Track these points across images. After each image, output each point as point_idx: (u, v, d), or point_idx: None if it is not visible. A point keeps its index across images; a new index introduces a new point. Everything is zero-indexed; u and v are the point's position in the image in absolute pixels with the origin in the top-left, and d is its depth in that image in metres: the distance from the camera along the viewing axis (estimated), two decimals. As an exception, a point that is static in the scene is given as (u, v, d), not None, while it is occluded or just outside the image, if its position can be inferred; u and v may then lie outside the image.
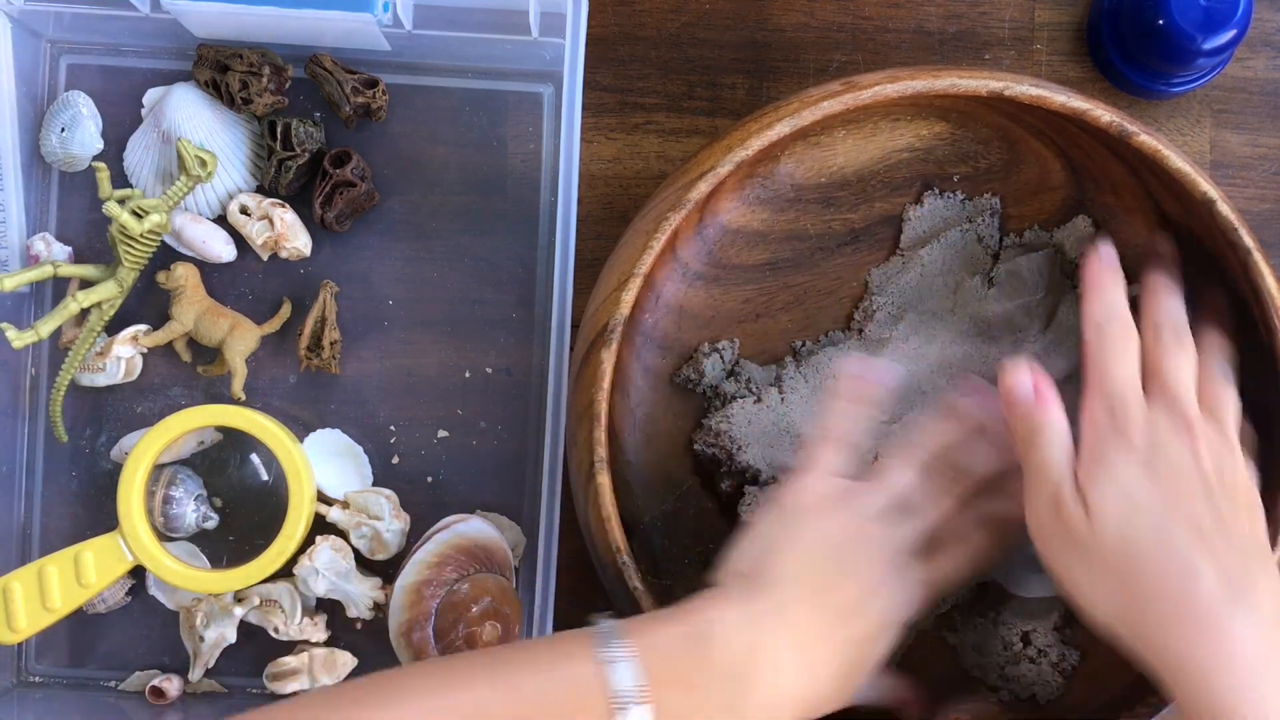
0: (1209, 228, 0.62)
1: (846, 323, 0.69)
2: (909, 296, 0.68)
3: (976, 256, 0.68)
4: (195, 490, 0.72)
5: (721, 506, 0.68)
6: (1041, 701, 0.66)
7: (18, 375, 0.74)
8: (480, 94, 0.75)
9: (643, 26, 0.76)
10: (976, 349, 0.67)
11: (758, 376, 0.68)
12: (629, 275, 0.60)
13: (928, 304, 0.68)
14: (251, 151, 0.74)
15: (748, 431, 0.67)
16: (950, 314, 0.67)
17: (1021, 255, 0.67)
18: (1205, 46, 0.69)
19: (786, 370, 0.68)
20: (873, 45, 0.76)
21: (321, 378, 0.74)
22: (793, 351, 0.69)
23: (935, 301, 0.68)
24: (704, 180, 0.60)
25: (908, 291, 0.68)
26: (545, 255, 0.74)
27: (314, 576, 0.71)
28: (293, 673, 0.71)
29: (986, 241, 0.68)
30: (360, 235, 0.75)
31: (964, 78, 0.60)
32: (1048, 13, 0.76)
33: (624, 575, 0.60)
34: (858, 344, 0.68)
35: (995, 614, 0.67)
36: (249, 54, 0.71)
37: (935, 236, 0.67)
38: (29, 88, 0.73)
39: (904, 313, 0.67)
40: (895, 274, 0.68)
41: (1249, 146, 0.76)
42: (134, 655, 0.74)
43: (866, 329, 0.68)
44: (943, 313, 0.67)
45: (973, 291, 0.67)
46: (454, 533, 0.70)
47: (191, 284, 0.72)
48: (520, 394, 0.74)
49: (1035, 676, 0.66)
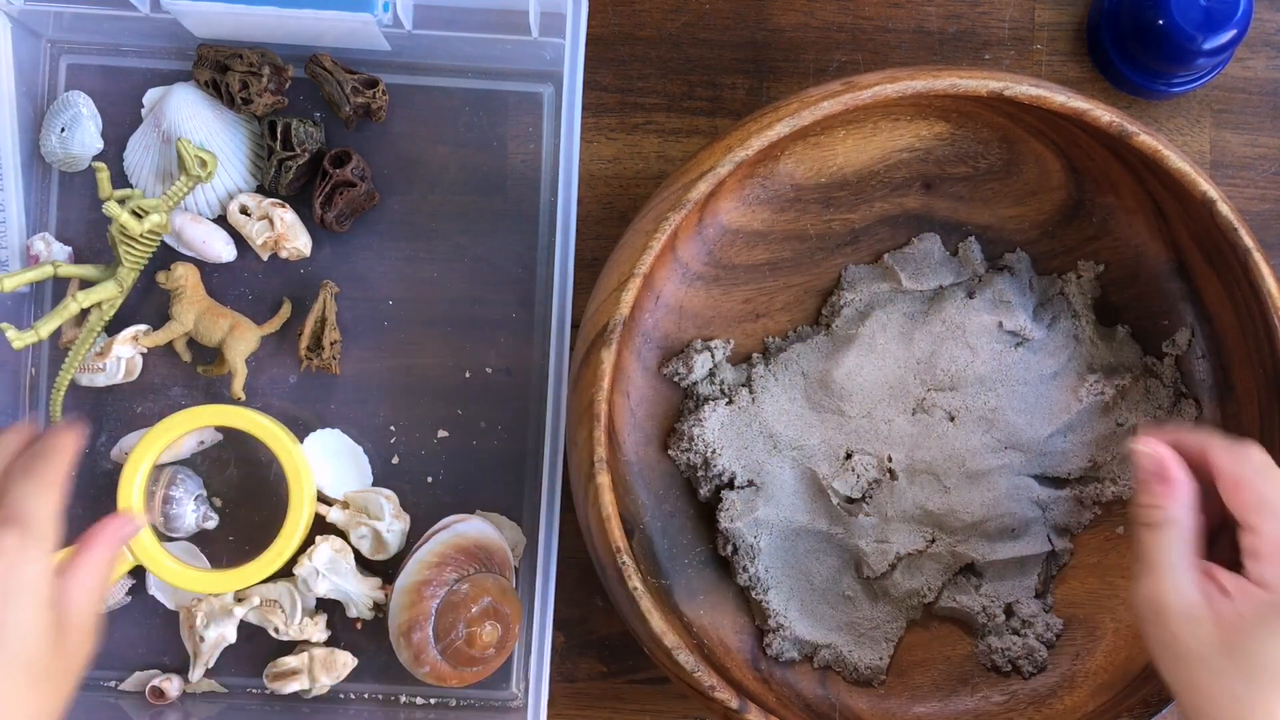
0: (1209, 228, 0.62)
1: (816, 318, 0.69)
2: (879, 298, 0.68)
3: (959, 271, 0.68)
4: (195, 490, 0.72)
5: (700, 514, 0.68)
6: (1026, 675, 0.67)
7: (18, 375, 0.74)
8: (480, 94, 0.75)
9: (643, 26, 0.76)
10: (949, 351, 0.67)
11: (730, 378, 0.68)
12: (629, 275, 0.60)
13: (901, 306, 0.68)
14: (251, 151, 0.74)
15: (720, 435, 0.67)
16: (925, 316, 0.67)
17: (1008, 277, 0.67)
18: (1205, 46, 0.69)
19: (756, 369, 0.68)
20: (873, 45, 0.76)
21: (321, 378, 0.74)
22: (764, 349, 0.69)
23: (910, 305, 0.68)
24: (704, 180, 0.60)
25: (879, 294, 0.68)
26: (545, 255, 0.74)
27: (314, 576, 0.71)
28: (293, 673, 0.71)
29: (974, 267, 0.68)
30: (360, 235, 0.75)
31: (964, 78, 0.60)
32: (1048, 13, 0.76)
33: (624, 575, 0.60)
34: (825, 339, 0.68)
35: (976, 586, 0.67)
36: (249, 54, 0.71)
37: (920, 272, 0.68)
38: (29, 88, 0.73)
39: (871, 310, 0.67)
40: (871, 276, 0.68)
41: (1249, 146, 0.76)
42: (134, 655, 0.74)
43: (834, 324, 0.68)
44: (917, 315, 0.68)
45: (952, 298, 0.67)
46: (454, 533, 0.70)
47: (191, 284, 0.72)
48: (520, 394, 0.74)
49: (1021, 649, 0.67)
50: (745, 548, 0.67)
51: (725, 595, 0.68)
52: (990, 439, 0.67)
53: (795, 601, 0.68)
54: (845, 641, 0.68)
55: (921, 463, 0.67)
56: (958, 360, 0.67)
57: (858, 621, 0.68)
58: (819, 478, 0.67)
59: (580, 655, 0.74)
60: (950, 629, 0.69)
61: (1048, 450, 0.68)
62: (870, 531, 0.67)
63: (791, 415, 0.67)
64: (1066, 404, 0.67)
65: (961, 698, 0.68)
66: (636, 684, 0.74)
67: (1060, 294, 0.68)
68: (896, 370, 0.67)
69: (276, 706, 0.73)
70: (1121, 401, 0.67)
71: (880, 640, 0.68)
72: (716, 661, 0.66)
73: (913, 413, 0.67)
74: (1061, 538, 0.68)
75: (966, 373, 0.67)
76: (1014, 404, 0.67)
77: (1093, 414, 0.67)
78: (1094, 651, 0.67)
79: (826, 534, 0.68)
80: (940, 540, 0.68)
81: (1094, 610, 0.68)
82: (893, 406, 0.67)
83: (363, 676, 0.73)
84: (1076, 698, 0.66)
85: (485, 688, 0.73)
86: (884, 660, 0.68)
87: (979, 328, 0.67)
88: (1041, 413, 0.67)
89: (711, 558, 0.68)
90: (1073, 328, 0.68)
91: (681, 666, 0.59)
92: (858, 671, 0.67)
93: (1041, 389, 0.67)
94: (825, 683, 0.67)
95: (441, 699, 0.74)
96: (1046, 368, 0.67)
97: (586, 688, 0.74)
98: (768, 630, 0.67)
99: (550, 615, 0.69)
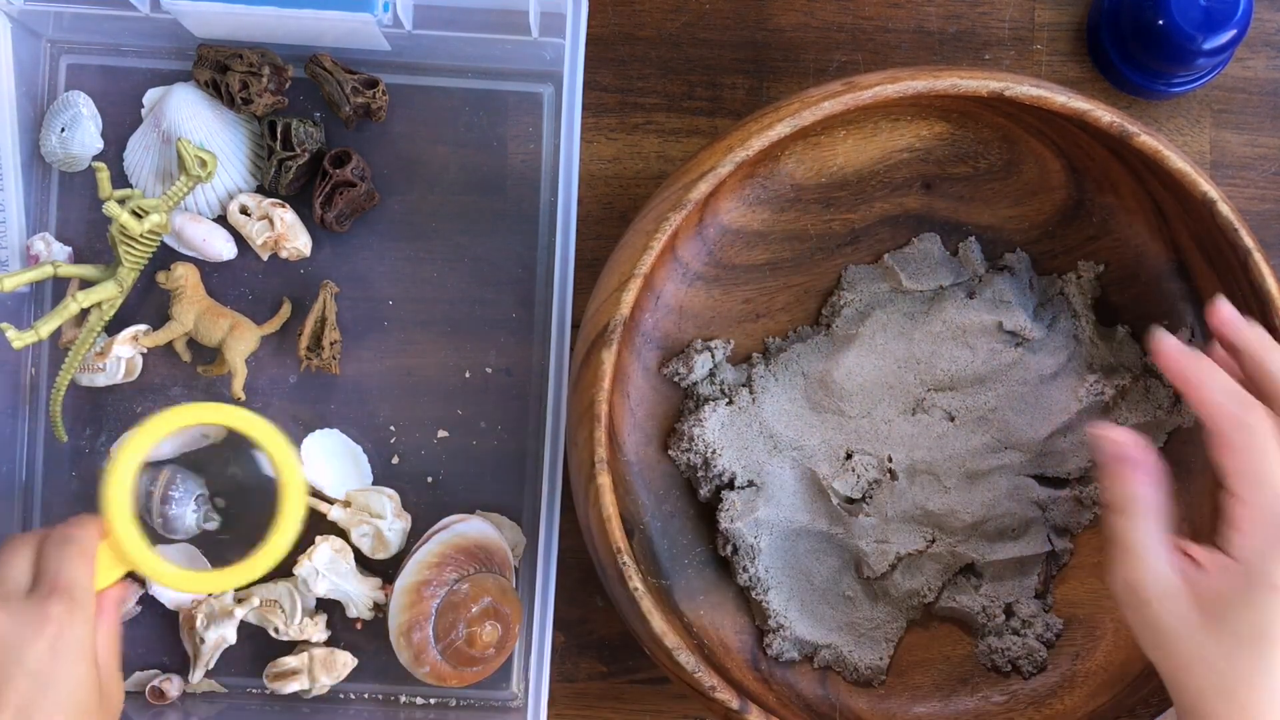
0: (1209, 228, 0.62)
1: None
2: (879, 298, 0.68)
3: (958, 271, 0.68)
4: (195, 490, 0.72)
5: (700, 514, 0.68)
6: (1026, 675, 0.67)
7: (18, 375, 0.74)
8: (480, 94, 0.75)
9: (643, 26, 0.76)
10: (948, 351, 0.67)
11: (730, 378, 0.68)
12: (629, 275, 0.60)
13: (901, 306, 0.68)
14: (251, 151, 0.74)
15: (720, 435, 0.67)
16: (925, 316, 0.67)
17: (1008, 277, 0.67)
18: (1205, 46, 0.69)
19: (757, 369, 0.68)
20: (873, 45, 0.76)
21: (321, 378, 0.74)
22: (764, 349, 0.69)
23: (910, 305, 0.68)
24: (704, 180, 0.60)
25: (879, 294, 0.68)
26: (545, 255, 0.74)
27: (314, 576, 0.71)
28: (293, 673, 0.71)
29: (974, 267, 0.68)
30: (360, 235, 0.75)
31: (964, 78, 0.60)
32: (1048, 13, 0.76)
33: (624, 575, 0.60)
34: (825, 339, 0.68)
35: (976, 587, 0.67)
36: (249, 54, 0.71)
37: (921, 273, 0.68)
38: (29, 88, 0.73)
39: (871, 310, 0.67)
40: (871, 276, 0.68)
41: (1249, 146, 0.76)
42: (134, 655, 0.74)
43: (834, 324, 0.68)
44: (917, 314, 0.68)
45: (952, 297, 0.67)
46: (454, 533, 0.70)
47: (191, 284, 0.72)
48: (520, 394, 0.74)
49: (1021, 649, 0.67)
50: (745, 548, 0.67)
51: (725, 595, 0.68)
52: (990, 439, 0.67)
53: (795, 602, 0.68)
54: (845, 641, 0.68)
55: (921, 463, 0.67)
56: (957, 360, 0.67)
57: (858, 622, 0.68)
58: (819, 478, 0.67)
59: (580, 655, 0.74)
60: (950, 629, 0.69)
61: (1048, 450, 0.68)
62: (870, 531, 0.67)
63: (791, 415, 0.67)
64: (1066, 404, 0.67)
65: (961, 698, 0.68)
66: (636, 684, 0.74)
67: (1060, 294, 0.68)
68: (896, 370, 0.67)
69: (276, 707, 0.73)
70: (1121, 401, 0.67)
71: (880, 640, 0.68)
72: (717, 662, 0.66)
73: (913, 413, 0.67)
74: (1061, 538, 0.68)
75: (966, 373, 0.67)
76: (1014, 404, 0.67)
77: (1093, 414, 0.67)
78: (1094, 651, 0.67)
79: (826, 534, 0.68)
80: (940, 540, 0.68)
81: (1094, 610, 0.68)
82: (893, 406, 0.67)
83: (363, 676, 0.73)
84: (1076, 698, 0.66)
85: (485, 688, 0.73)
86: (884, 660, 0.68)
87: (979, 328, 0.67)
88: (1041, 413, 0.67)
89: (711, 558, 0.68)
90: (1072, 328, 0.68)
91: (682, 667, 0.59)
92: (858, 671, 0.67)
93: (1041, 389, 0.67)
94: (825, 683, 0.68)
95: (441, 699, 0.74)
96: (1046, 368, 0.67)
97: (586, 688, 0.74)
98: (768, 630, 0.67)
99: (550, 615, 0.69)
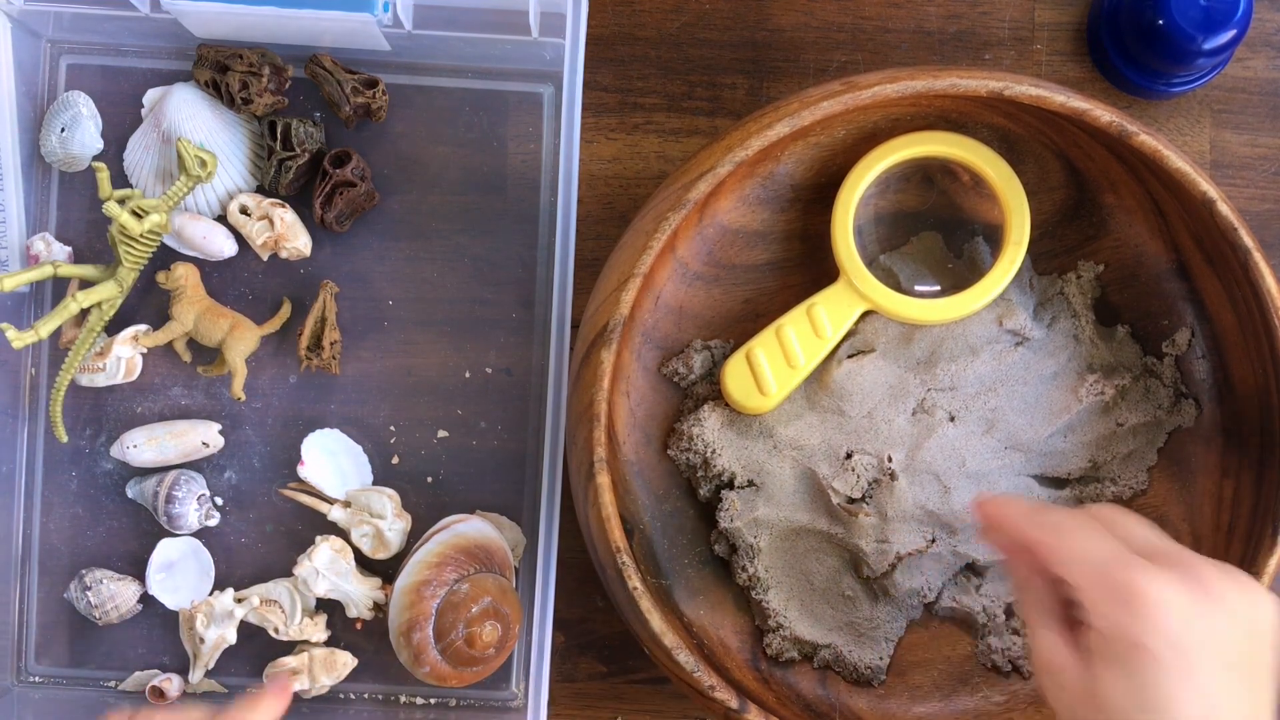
0: (1209, 228, 0.62)
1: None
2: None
3: (959, 271, 0.68)
4: (199, 490, 0.72)
5: (700, 514, 0.68)
6: (1026, 675, 0.67)
7: (18, 375, 0.74)
8: (480, 94, 0.75)
9: (643, 26, 0.76)
10: (949, 351, 0.67)
11: None
12: (629, 275, 0.60)
13: None
14: (251, 151, 0.74)
15: (720, 435, 0.67)
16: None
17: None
18: (1205, 46, 0.69)
19: None
20: (873, 45, 0.76)
21: (321, 378, 0.74)
22: None
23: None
24: (704, 180, 0.60)
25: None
26: (545, 255, 0.74)
27: (314, 576, 0.71)
28: (293, 673, 0.71)
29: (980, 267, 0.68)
30: (360, 235, 0.75)
31: (964, 78, 0.60)
32: (1048, 13, 0.76)
33: (624, 575, 0.60)
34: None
35: (976, 586, 0.67)
36: (249, 54, 0.71)
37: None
38: (29, 88, 0.73)
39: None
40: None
41: (1249, 146, 0.76)
42: (134, 655, 0.74)
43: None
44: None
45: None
46: (454, 533, 0.70)
47: (191, 284, 0.72)
48: (520, 394, 0.74)
49: (1021, 649, 0.67)
50: (745, 548, 0.67)
51: (725, 595, 0.68)
52: (990, 439, 0.67)
53: (795, 601, 0.68)
54: (845, 641, 0.68)
55: (922, 463, 0.67)
56: (958, 360, 0.67)
57: (858, 621, 0.68)
58: (819, 477, 0.67)
59: (580, 655, 0.74)
60: (950, 629, 0.69)
61: (1048, 450, 0.68)
62: (870, 531, 0.67)
63: (791, 415, 0.67)
64: (1066, 404, 0.67)
65: (961, 698, 0.68)
66: (636, 684, 0.74)
67: (1060, 294, 0.68)
68: (896, 370, 0.67)
69: (276, 706, 0.73)
70: (1121, 401, 0.67)
71: (880, 640, 0.68)
72: (716, 661, 0.66)
73: (913, 413, 0.67)
74: (1061, 538, 0.68)
75: (966, 372, 0.67)
76: (1014, 404, 0.67)
77: (1093, 414, 0.67)
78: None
79: (826, 534, 0.68)
80: (940, 540, 0.67)
81: (1094, 610, 0.68)
82: (893, 406, 0.67)
83: (363, 676, 0.73)
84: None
85: (485, 688, 0.73)
86: (884, 660, 0.68)
87: (979, 327, 0.67)
88: (1041, 413, 0.67)
89: (711, 558, 0.68)
90: (1072, 328, 0.68)
91: (681, 666, 0.59)
92: (857, 671, 0.67)
93: (1041, 389, 0.67)
94: (825, 683, 0.68)
95: (441, 699, 0.74)
96: (1046, 368, 0.67)
97: (586, 688, 0.74)
98: (767, 630, 0.67)
99: (550, 615, 0.69)
